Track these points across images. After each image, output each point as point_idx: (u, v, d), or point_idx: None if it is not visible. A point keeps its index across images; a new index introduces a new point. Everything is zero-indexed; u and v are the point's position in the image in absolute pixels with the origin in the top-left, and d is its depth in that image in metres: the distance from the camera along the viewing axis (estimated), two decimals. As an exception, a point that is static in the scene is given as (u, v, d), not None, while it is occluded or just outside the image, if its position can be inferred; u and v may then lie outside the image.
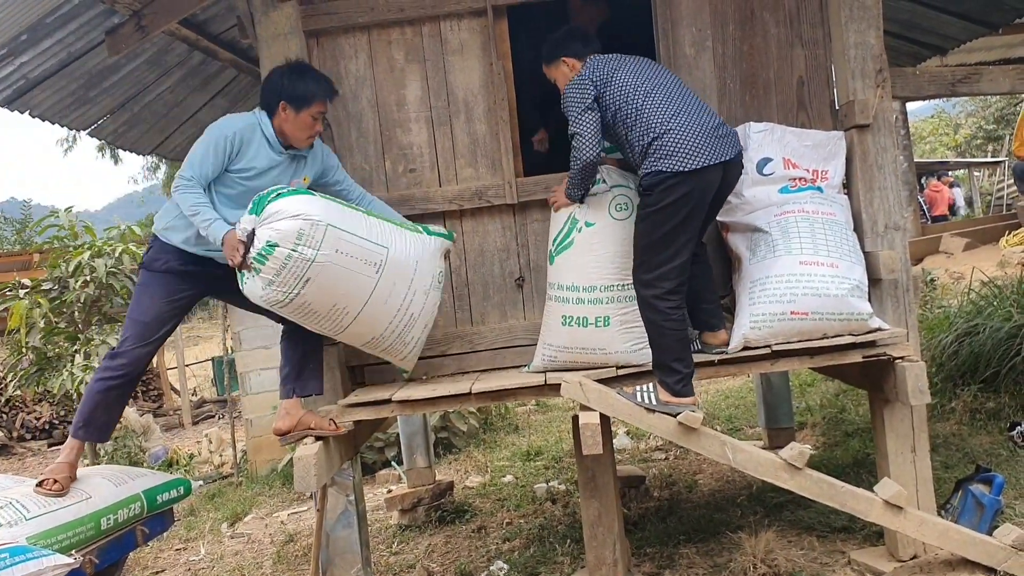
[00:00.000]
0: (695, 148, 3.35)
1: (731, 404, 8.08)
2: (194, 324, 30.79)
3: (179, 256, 3.62)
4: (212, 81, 5.42)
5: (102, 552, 3.49)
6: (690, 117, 3.43)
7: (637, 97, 3.47)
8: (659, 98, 3.47)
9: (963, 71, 3.98)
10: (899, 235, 3.80)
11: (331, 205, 3.37)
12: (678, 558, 4.22)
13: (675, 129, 3.38)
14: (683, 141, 3.36)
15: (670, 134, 3.38)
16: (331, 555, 3.95)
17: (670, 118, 3.41)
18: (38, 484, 3.52)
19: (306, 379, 3.67)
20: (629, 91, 3.49)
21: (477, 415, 8.32)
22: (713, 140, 3.39)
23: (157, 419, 12.71)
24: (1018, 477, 4.43)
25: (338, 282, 3.32)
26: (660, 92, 3.49)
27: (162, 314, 3.65)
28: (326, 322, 3.42)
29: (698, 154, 3.34)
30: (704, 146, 3.36)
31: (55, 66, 4.29)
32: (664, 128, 3.39)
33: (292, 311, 3.34)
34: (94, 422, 3.66)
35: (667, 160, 3.35)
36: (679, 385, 3.46)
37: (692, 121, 3.42)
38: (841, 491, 3.33)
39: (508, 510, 5.68)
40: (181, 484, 4.10)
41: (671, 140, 3.36)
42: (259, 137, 3.51)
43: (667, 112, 3.43)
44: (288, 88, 3.50)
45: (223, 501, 7.66)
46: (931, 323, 6.61)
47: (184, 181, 3.41)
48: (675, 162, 3.34)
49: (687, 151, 3.34)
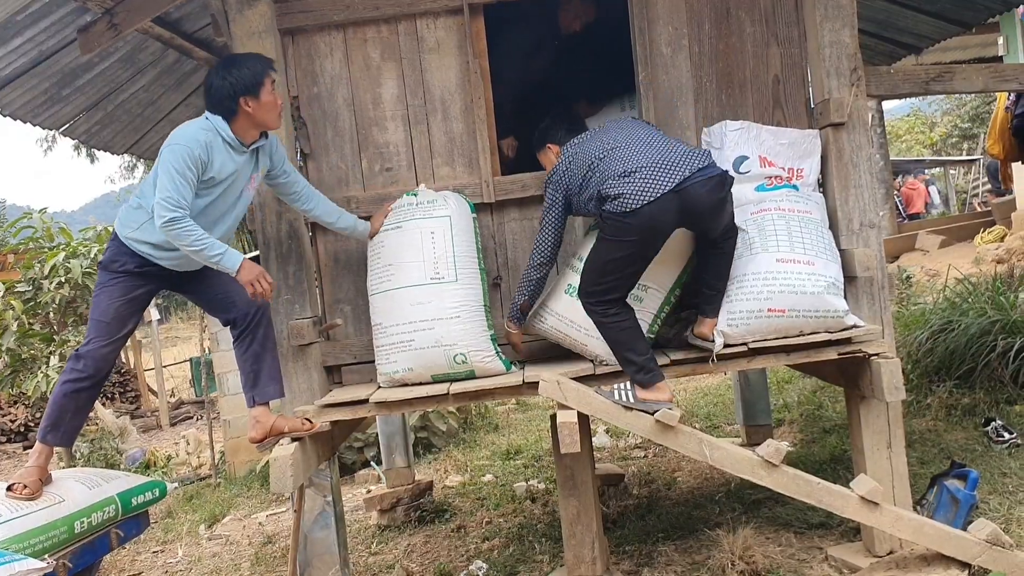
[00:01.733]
0: (639, 188, 3.33)
1: (709, 401, 8.11)
2: (172, 324, 30.58)
3: (138, 259, 3.59)
4: (187, 80, 5.37)
5: (76, 556, 3.45)
6: (641, 158, 3.44)
7: (598, 160, 3.52)
8: (618, 151, 3.51)
9: (936, 69, 4.01)
10: (874, 233, 3.82)
11: None
12: (657, 556, 4.23)
13: (622, 174, 3.40)
14: (629, 184, 3.35)
15: (616, 179, 3.40)
16: (309, 556, 3.92)
17: (622, 167, 3.43)
18: (8, 489, 3.47)
19: (263, 385, 3.68)
20: (593, 159, 3.55)
21: (456, 415, 8.31)
22: (661, 172, 3.36)
23: (134, 420, 12.61)
24: (992, 472, 4.47)
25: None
26: (621, 146, 3.53)
27: (121, 313, 3.62)
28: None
29: (642, 193, 3.33)
30: (649, 182, 3.34)
31: (26, 64, 4.24)
32: (614, 174, 3.42)
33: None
34: (61, 426, 3.62)
35: (612, 202, 3.36)
36: (640, 375, 3.48)
37: (642, 161, 3.42)
38: (818, 488, 3.35)
39: (488, 509, 5.67)
40: (156, 486, 4.06)
41: (616, 186, 3.37)
42: (221, 143, 3.43)
43: (621, 163, 3.45)
44: (239, 83, 3.41)
45: (201, 503, 7.60)
46: (907, 320, 6.67)
47: (173, 211, 3.25)
48: (618, 204, 3.34)
49: (633, 192, 3.33)
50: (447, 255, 3.70)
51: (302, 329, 3.86)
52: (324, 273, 4.12)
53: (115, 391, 15.83)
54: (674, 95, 4.00)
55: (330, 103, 4.06)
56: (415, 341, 3.64)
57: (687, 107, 4.01)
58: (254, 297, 3.41)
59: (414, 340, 3.64)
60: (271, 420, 3.62)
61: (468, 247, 3.77)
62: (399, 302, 3.69)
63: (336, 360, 4.06)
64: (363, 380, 4.04)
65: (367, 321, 3.97)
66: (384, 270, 3.76)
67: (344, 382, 4.09)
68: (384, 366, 3.74)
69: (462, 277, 3.70)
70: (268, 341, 3.71)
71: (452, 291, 3.67)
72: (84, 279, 6.76)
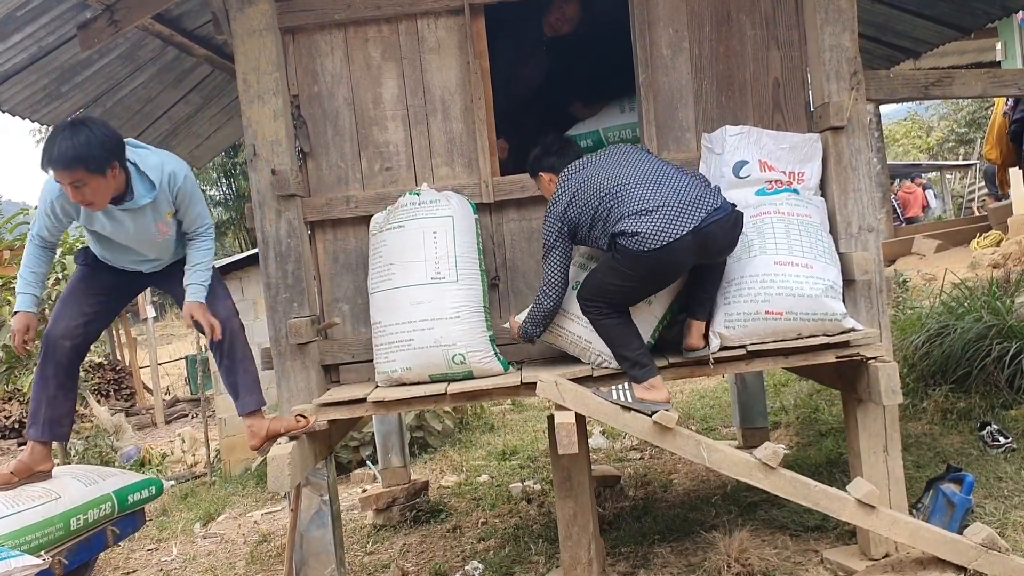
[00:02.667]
0: (659, 228, 3.32)
1: (706, 404, 8.12)
2: (167, 322, 30.54)
3: (92, 255, 3.83)
4: (186, 77, 5.36)
5: (72, 553, 3.45)
6: (658, 197, 3.40)
7: (610, 197, 3.47)
8: (632, 190, 3.45)
9: (936, 74, 4.02)
10: (872, 236, 3.83)
11: None
12: (652, 557, 4.24)
13: (639, 212, 3.37)
14: (647, 224, 3.33)
15: (632, 218, 3.37)
16: (305, 555, 3.92)
17: (638, 205, 3.39)
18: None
19: (242, 397, 3.77)
20: (603, 195, 3.49)
21: (452, 415, 8.30)
22: (680, 213, 3.35)
23: (129, 418, 12.60)
24: (988, 477, 4.48)
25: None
26: (634, 184, 3.47)
27: (76, 292, 3.78)
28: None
29: (662, 233, 3.31)
30: (669, 222, 3.33)
31: (25, 60, 4.23)
32: (629, 213, 3.38)
33: None
34: (38, 418, 3.70)
35: (630, 239, 3.34)
36: (635, 370, 3.50)
37: (659, 201, 3.39)
38: (814, 490, 3.35)
39: (483, 510, 5.67)
40: (152, 484, 4.06)
41: (633, 224, 3.35)
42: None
43: (637, 202, 3.40)
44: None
45: (196, 501, 7.60)
46: (903, 324, 6.68)
47: (30, 241, 3.66)
48: (635, 242, 3.33)
49: (652, 232, 3.31)
50: (449, 255, 3.70)
51: (300, 328, 3.86)
52: (323, 272, 4.12)
53: (110, 388, 15.81)
54: (674, 97, 4.00)
55: (330, 102, 4.06)
56: (414, 340, 3.64)
57: (687, 109, 4.01)
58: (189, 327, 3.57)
59: (413, 339, 3.64)
60: (265, 425, 3.69)
61: (469, 247, 3.77)
62: (399, 301, 3.69)
63: (334, 359, 4.05)
64: (361, 379, 4.04)
65: (365, 320, 3.97)
66: (385, 269, 3.75)
67: (342, 381, 4.08)
68: (382, 365, 3.74)
69: (463, 277, 3.70)
70: (236, 353, 3.76)
71: (453, 291, 3.67)
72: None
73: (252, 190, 3.94)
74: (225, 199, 23.68)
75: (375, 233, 3.86)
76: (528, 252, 4.08)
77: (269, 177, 3.87)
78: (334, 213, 4.03)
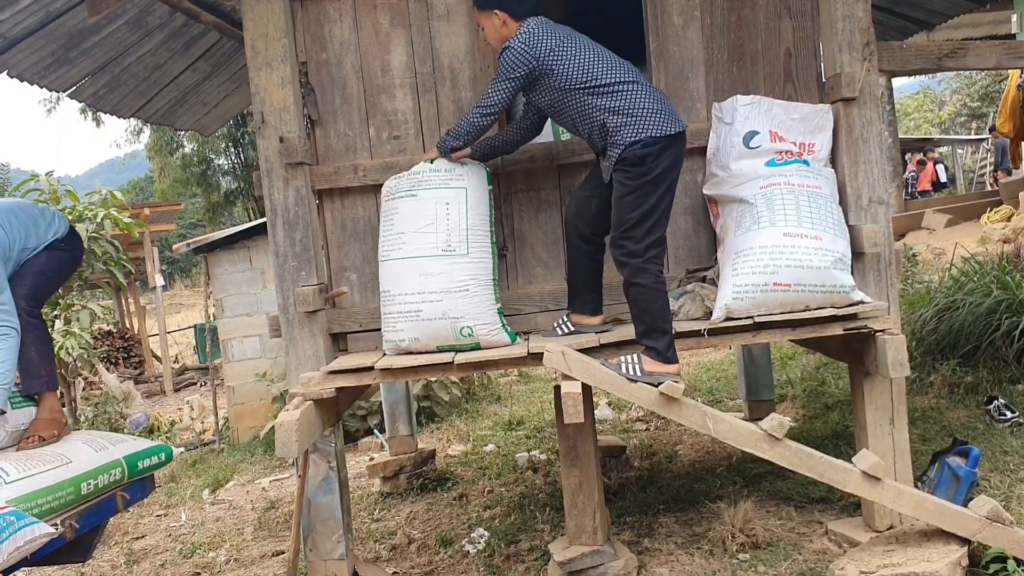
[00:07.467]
0: (669, 114, 3.42)
1: (712, 376, 8.13)
2: (176, 291, 30.65)
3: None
4: (195, 44, 5.33)
5: (82, 517, 3.48)
6: (651, 87, 3.50)
7: (596, 68, 3.46)
8: (620, 69, 3.48)
9: (950, 45, 3.97)
10: (882, 209, 3.81)
11: None
12: (657, 527, 4.26)
13: (648, 97, 3.42)
14: (658, 107, 3.40)
15: (646, 100, 3.40)
16: (312, 521, 3.96)
17: (638, 87, 3.43)
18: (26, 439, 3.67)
19: (30, 378, 3.79)
20: (587, 62, 3.47)
21: (459, 385, 8.34)
22: (671, 109, 3.48)
23: (138, 386, 12.68)
24: (994, 450, 4.49)
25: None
26: (619, 64, 3.50)
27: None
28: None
29: (673, 119, 3.42)
30: (672, 113, 3.45)
31: (34, 25, 4.20)
32: (637, 95, 3.41)
33: None
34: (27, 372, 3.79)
35: (653, 126, 3.36)
36: (670, 350, 3.46)
37: (654, 90, 3.50)
38: (820, 462, 3.36)
39: (489, 479, 5.71)
40: (163, 450, 4.09)
41: (648, 106, 3.39)
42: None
43: (633, 82, 3.44)
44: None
45: (204, 468, 7.67)
46: (912, 298, 6.67)
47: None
48: (659, 127, 3.36)
49: (665, 117, 3.39)
50: (460, 227, 3.66)
51: (308, 296, 3.86)
52: (331, 240, 4.12)
53: (119, 356, 15.92)
54: (685, 66, 3.97)
55: (338, 69, 4.03)
56: (423, 312, 3.64)
57: (698, 79, 3.97)
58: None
59: (421, 311, 3.64)
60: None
61: (481, 219, 3.73)
62: (409, 271, 3.67)
63: (342, 328, 4.06)
64: (368, 348, 4.05)
65: (373, 289, 3.98)
66: (396, 238, 3.72)
67: (349, 349, 4.10)
68: (390, 334, 3.74)
69: (473, 251, 3.67)
70: (39, 343, 3.81)
71: (463, 264, 3.65)
72: (90, 244, 6.74)
73: (260, 158, 3.93)
74: (233, 168, 23.67)
75: (388, 199, 3.81)
76: (536, 223, 4.07)
77: (277, 145, 3.86)
78: (342, 182, 4.02)
